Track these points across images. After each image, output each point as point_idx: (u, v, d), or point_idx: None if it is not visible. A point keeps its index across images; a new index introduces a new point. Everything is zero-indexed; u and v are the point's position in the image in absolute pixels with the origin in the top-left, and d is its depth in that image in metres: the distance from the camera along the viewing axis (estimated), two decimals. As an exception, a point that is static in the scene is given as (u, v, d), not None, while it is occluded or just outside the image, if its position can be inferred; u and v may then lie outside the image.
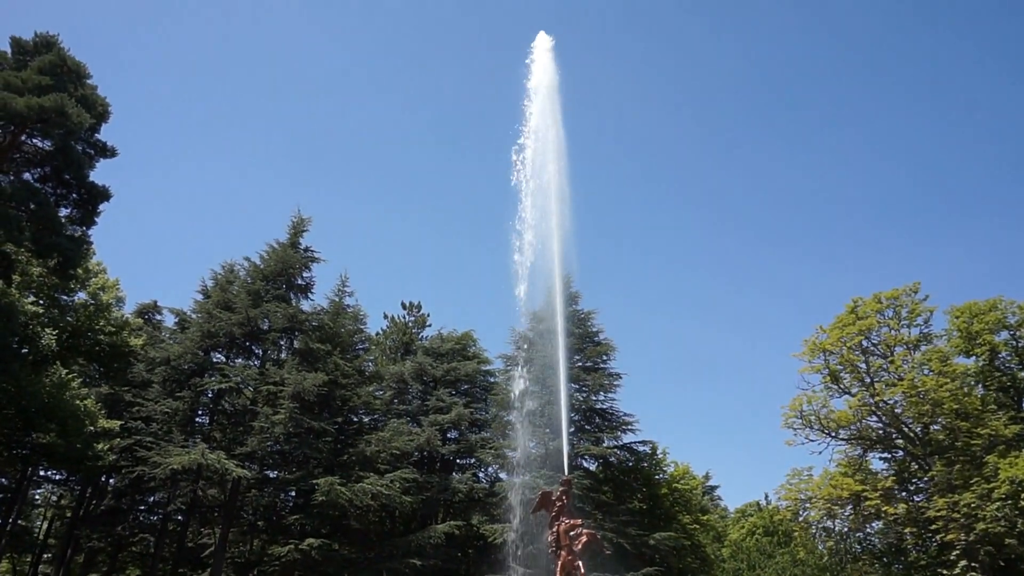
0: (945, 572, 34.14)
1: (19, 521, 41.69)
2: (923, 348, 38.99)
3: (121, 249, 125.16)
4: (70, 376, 30.75)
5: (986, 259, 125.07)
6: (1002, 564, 33.75)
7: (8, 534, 37.10)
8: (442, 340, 48.98)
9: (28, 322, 28.32)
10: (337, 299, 44.77)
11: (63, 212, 29.51)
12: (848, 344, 39.46)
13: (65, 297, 33.23)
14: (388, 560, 38.50)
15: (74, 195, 29.76)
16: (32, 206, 27.03)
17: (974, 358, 40.14)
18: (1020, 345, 39.36)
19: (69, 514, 42.75)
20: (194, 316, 42.40)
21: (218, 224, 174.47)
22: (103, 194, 29.99)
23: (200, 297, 43.42)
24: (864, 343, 39.76)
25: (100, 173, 55.49)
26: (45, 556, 46.44)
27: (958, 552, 32.64)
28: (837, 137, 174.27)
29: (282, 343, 43.13)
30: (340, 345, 42.11)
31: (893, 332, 39.71)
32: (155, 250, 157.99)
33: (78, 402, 29.99)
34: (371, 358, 48.79)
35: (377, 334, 53.72)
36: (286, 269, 42.89)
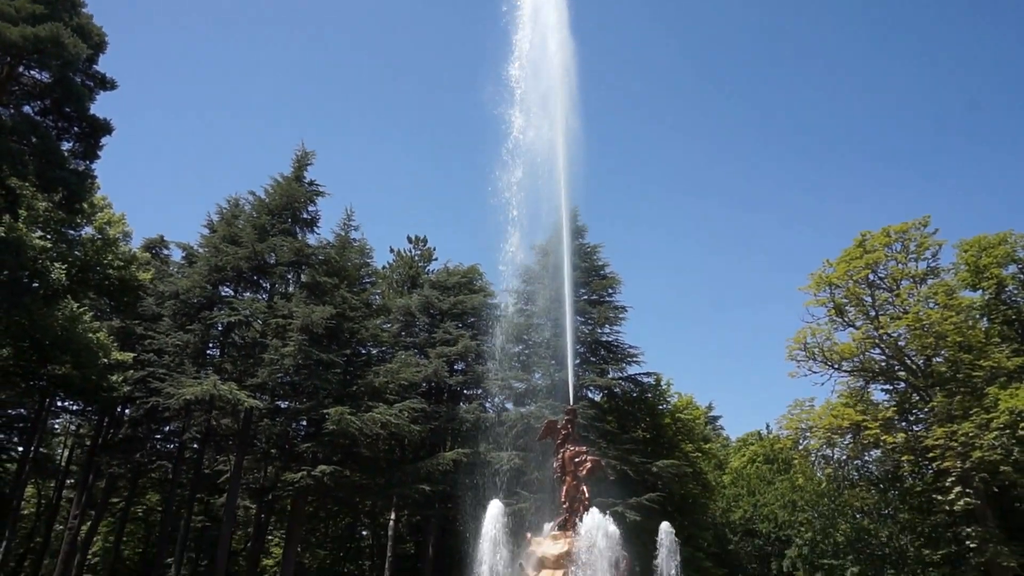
0: (939, 498, 35.05)
1: (40, 449, 43.01)
2: (930, 282, 38.92)
3: (125, 184, 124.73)
4: (81, 310, 31.19)
5: (998, 193, 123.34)
6: (996, 490, 34.59)
7: (31, 461, 38.35)
8: (448, 274, 49.18)
9: (37, 257, 28.51)
10: (343, 233, 44.80)
11: (65, 146, 29.26)
12: (854, 278, 39.39)
13: (72, 232, 33.33)
14: (398, 486, 39.79)
15: (75, 128, 29.45)
16: (34, 140, 26.80)
17: (980, 292, 40.10)
18: (1028, 279, 39.28)
19: (88, 443, 44.05)
20: (201, 250, 42.61)
21: (222, 159, 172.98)
22: (105, 127, 29.67)
23: (206, 232, 43.52)
24: (870, 277, 39.69)
25: (100, 106, 54.84)
26: (68, 482, 48.10)
27: (953, 479, 33.41)
28: (849, 67, 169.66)
29: (289, 277, 43.44)
30: (347, 279, 42.38)
31: (900, 266, 39.58)
32: (159, 185, 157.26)
33: (91, 335, 30.52)
34: (378, 292, 49.18)
35: (384, 268, 53.96)
36: (291, 203, 42.79)
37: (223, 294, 41.71)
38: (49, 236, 30.76)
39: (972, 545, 33.68)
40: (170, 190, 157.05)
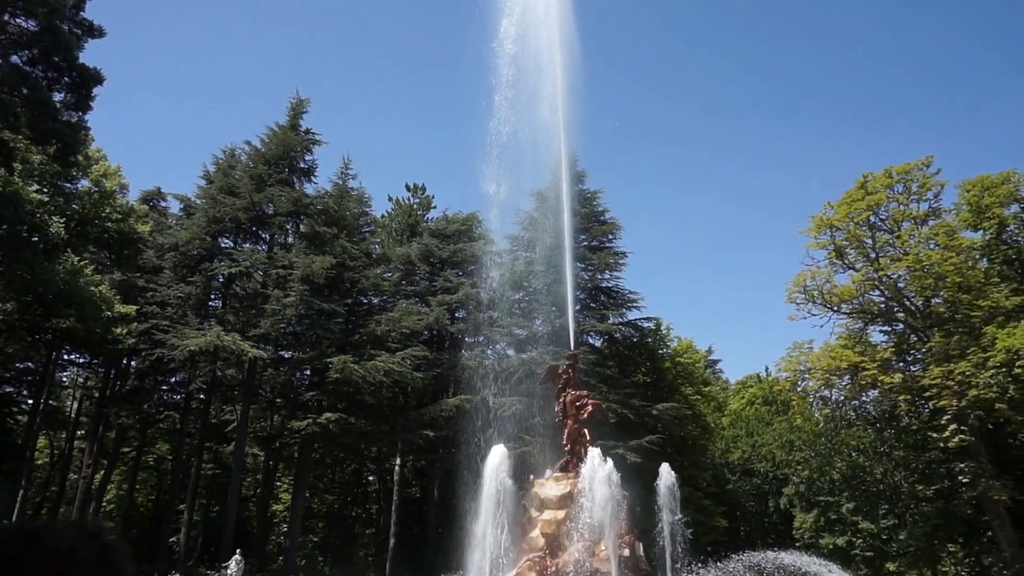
0: (934, 436, 35.69)
1: (50, 401, 43.70)
2: (931, 223, 38.75)
3: (119, 137, 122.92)
4: (82, 263, 31.23)
5: (1004, 132, 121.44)
6: (990, 427, 35.21)
7: (42, 413, 38.99)
8: (448, 222, 49.04)
9: (35, 210, 28.40)
10: (340, 182, 44.52)
11: (56, 97, 28.78)
12: (855, 220, 39.22)
13: (68, 185, 33.12)
14: (402, 432, 40.53)
15: (66, 78, 28.91)
16: (24, 91, 26.35)
17: (981, 232, 39.98)
18: (1029, 218, 39.13)
19: (96, 394, 44.69)
20: (199, 202, 42.42)
21: (216, 109, 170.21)
22: (95, 77, 29.12)
23: (203, 183, 43.25)
24: (871, 218, 39.52)
25: (90, 55, 53.71)
26: (79, 433, 49.00)
27: (949, 417, 33.95)
28: (849, 5, 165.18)
29: (288, 227, 43.35)
30: (346, 228, 42.31)
31: (902, 207, 39.36)
32: (153, 137, 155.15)
33: (93, 288, 30.63)
34: (377, 241, 49.13)
35: (382, 217, 53.76)
36: (287, 152, 42.40)
37: (223, 245, 41.70)
38: (46, 190, 30.59)
39: (965, 480, 34.45)
40: (165, 141, 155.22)
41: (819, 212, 40.71)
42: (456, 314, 45.00)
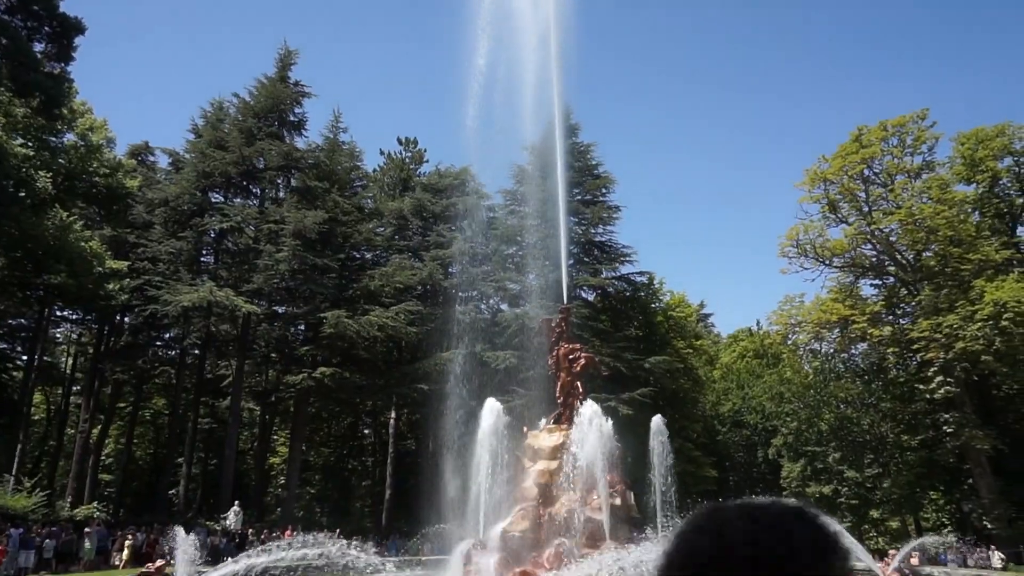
0: (921, 387, 36.32)
1: (45, 357, 43.73)
2: (924, 176, 38.75)
3: (103, 89, 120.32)
4: (71, 219, 30.91)
5: (1001, 84, 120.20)
6: (975, 378, 35.84)
7: (36, 369, 39.05)
8: (440, 176, 48.62)
9: (20, 165, 27.96)
10: (331, 136, 43.98)
11: (37, 48, 28.14)
12: (849, 173, 39.16)
13: (54, 139, 32.56)
14: (396, 386, 40.93)
15: (46, 28, 28.23)
16: (3, 40, 25.72)
17: (974, 185, 40.02)
18: (1022, 171, 39.09)
19: (91, 350, 44.75)
20: (188, 156, 41.86)
21: (202, 60, 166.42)
22: (76, 27, 28.43)
23: (192, 137, 42.62)
24: (866, 172, 39.45)
25: (71, 4, 52.13)
26: (75, 389, 49.20)
27: (936, 369, 34.51)
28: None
29: (279, 182, 42.95)
30: (338, 182, 41.95)
31: (896, 160, 39.27)
32: (139, 90, 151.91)
33: (83, 244, 30.39)
34: (370, 195, 48.77)
35: (374, 171, 53.20)
36: (277, 105, 41.73)
37: (213, 200, 41.32)
38: (31, 144, 30.06)
39: (949, 430, 35.19)
40: (151, 94, 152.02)
41: (813, 165, 40.61)
42: (449, 269, 44.98)
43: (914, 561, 31.97)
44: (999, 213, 39.76)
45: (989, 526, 34.38)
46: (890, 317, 39.70)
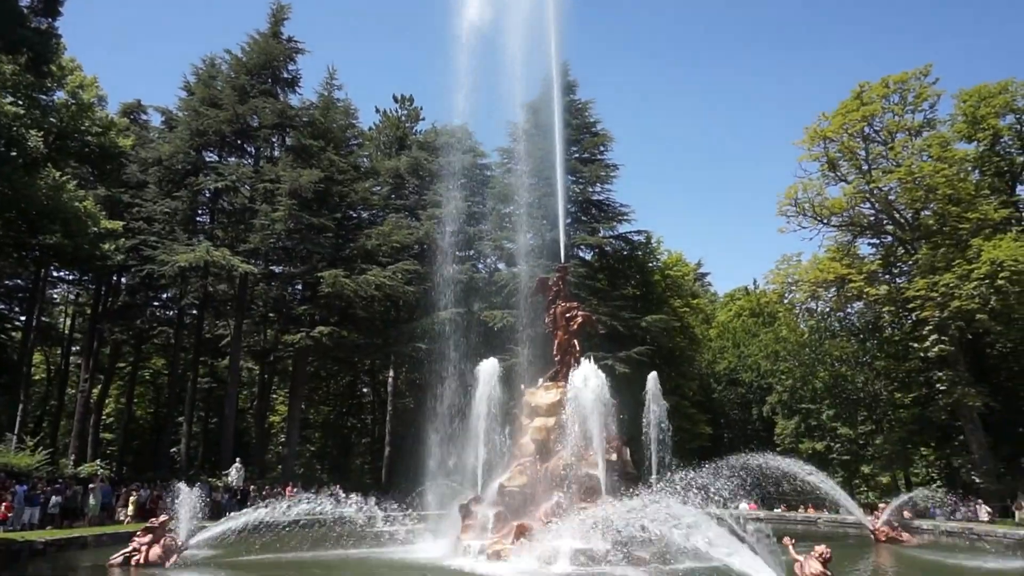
0: (915, 345, 36.59)
1: (43, 318, 43.79)
2: (925, 134, 38.41)
3: (92, 46, 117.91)
4: (64, 178, 30.61)
5: (1005, 42, 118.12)
6: (970, 337, 36.10)
7: (35, 329, 39.14)
8: (436, 134, 48.11)
9: (11, 124, 27.54)
10: (326, 93, 43.40)
11: (23, 2, 27.45)
12: (849, 131, 38.79)
13: (44, 97, 31.99)
14: (394, 345, 41.14)
15: (31, -19, 27.49)
16: (-12, -6, 25.05)
17: (975, 144, 39.70)
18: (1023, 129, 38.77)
19: (88, 311, 44.79)
20: (181, 114, 41.31)
21: (192, 18, 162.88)
22: (62, -20, 27.67)
23: (184, 94, 41.95)
24: (866, 130, 39.08)
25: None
26: (74, 349, 49.39)
27: (931, 328, 34.71)
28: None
29: (274, 140, 42.51)
30: (333, 141, 41.54)
31: (897, 118, 38.89)
32: (128, 47, 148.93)
33: (77, 204, 30.15)
34: (365, 154, 48.32)
35: (370, 129, 52.64)
36: (270, 61, 41.06)
37: (207, 159, 40.93)
38: (21, 102, 29.54)
39: (942, 388, 35.57)
40: (140, 51, 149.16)
41: (814, 123, 40.20)
42: (446, 228, 44.85)
43: (907, 515, 32.71)
44: (999, 171, 39.54)
45: (977, 481, 35.01)
46: (887, 276, 39.78)
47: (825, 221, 40.73)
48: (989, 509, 32.10)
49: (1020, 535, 25.64)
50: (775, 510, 40.21)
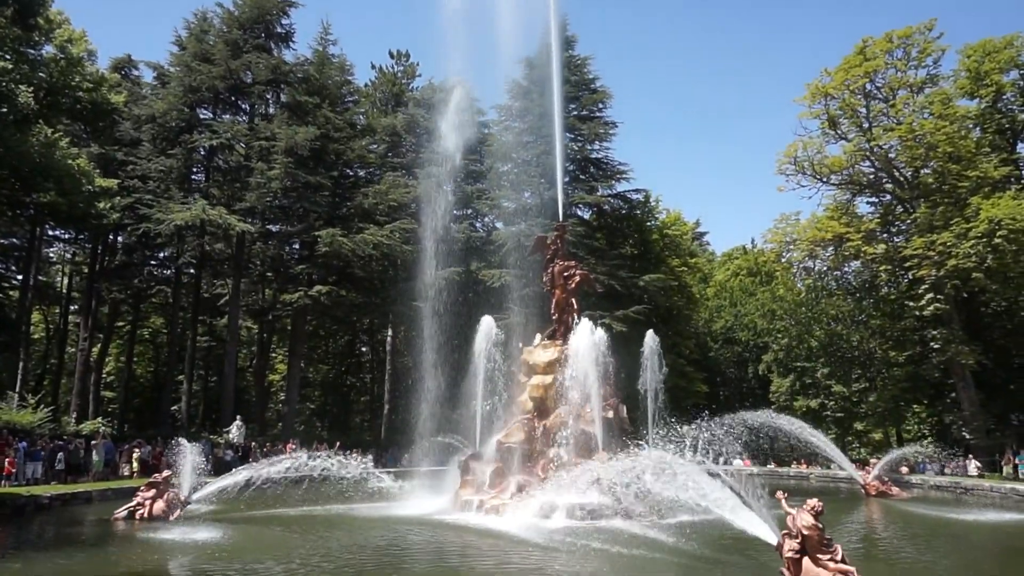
0: (911, 304, 36.76)
1: (39, 277, 43.68)
2: (927, 91, 37.96)
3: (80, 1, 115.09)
4: (56, 135, 30.22)
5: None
6: (965, 296, 36.26)
7: (32, 288, 39.10)
8: (433, 90, 47.38)
9: (0, 79, 27.06)
10: (320, 49, 42.64)
11: (7, -48, 26.73)
12: (851, 87, 38.29)
13: (32, 52, 31.36)
14: (392, 304, 41.23)
15: (15, -69, 26.73)
16: (-29, -56, 24.40)
17: (977, 100, 39.25)
18: (1027, 84, 38.30)
19: (86, 270, 44.69)
20: (173, 70, 40.62)
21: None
22: (47, -71, 26.94)
23: (176, 49, 41.15)
24: (868, 86, 38.59)
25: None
26: (72, 308, 49.42)
27: (927, 286, 34.83)
28: None
29: (268, 97, 41.92)
30: (328, 98, 40.97)
31: (899, 74, 38.38)
32: (117, 1, 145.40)
33: (71, 161, 29.81)
34: (361, 111, 47.70)
35: (366, 86, 51.83)
36: (263, 15, 40.23)
37: (201, 117, 40.41)
38: (8, 56, 28.98)
39: (935, 346, 35.87)
40: (129, 4, 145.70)
41: (815, 80, 39.67)
42: (444, 186, 44.52)
43: (904, 470, 33.36)
44: (1000, 129, 39.19)
45: (968, 437, 35.56)
46: (884, 235, 39.75)
47: (824, 180, 40.53)
48: (979, 464, 32.68)
49: (1006, 489, 26.18)
50: (767, 466, 40.93)
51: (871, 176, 40.08)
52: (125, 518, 16.90)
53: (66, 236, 44.76)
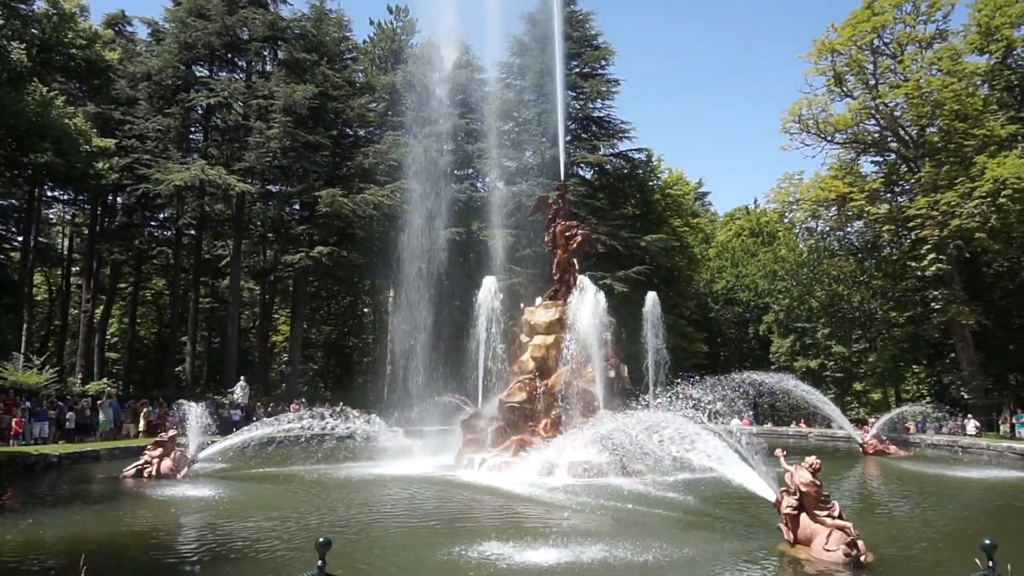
0: (913, 264, 36.68)
1: (40, 238, 43.60)
2: (936, 46, 37.23)
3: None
4: (52, 94, 29.85)
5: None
6: (967, 256, 36.14)
7: (33, 250, 39.08)
8: (433, 47, 46.58)
9: (-9, 35, 26.62)
10: (318, 3, 41.86)
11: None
12: (858, 43, 37.54)
13: (24, 7, 30.80)
14: (393, 264, 41.19)
15: None
16: None
17: (987, 56, 38.55)
18: (1039, 40, 37.56)
19: (86, 231, 44.59)
20: (167, 26, 39.92)
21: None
22: None
23: (171, 4, 40.36)
24: (875, 42, 37.83)
25: None
26: (74, 270, 49.44)
27: (929, 247, 34.68)
28: None
29: (266, 54, 41.27)
30: (327, 55, 40.35)
31: (908, 29, 37.60)
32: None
33: (67, 120, 29.52)
34: (360, 68, 47.00)
35: (364, 43, 50.91)
36: (258, -31, 39.40)
37: (198, 74, 39.85)
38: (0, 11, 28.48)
39: (936, 306, 35.89)
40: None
41: (822, 35, 38.91)
42: (444, 146, 44.10)
43: (911, 428, 33.77)
44: (1009, 86, 38.56)
45: (966, 396, 35.83)
46: (888, 195, 39.44)
47: (829, 138, 40.06)
48: (977, 423, 33.00)
49: (1002, 447, 26.49)
50: (765, 425, 41.38)
51: (876, 135, 39.62)
52: (133, 476, 17.17)
53: (65, 197, 44.57)
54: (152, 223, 44.14)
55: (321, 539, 4.55)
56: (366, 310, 57.61)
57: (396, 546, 10.14)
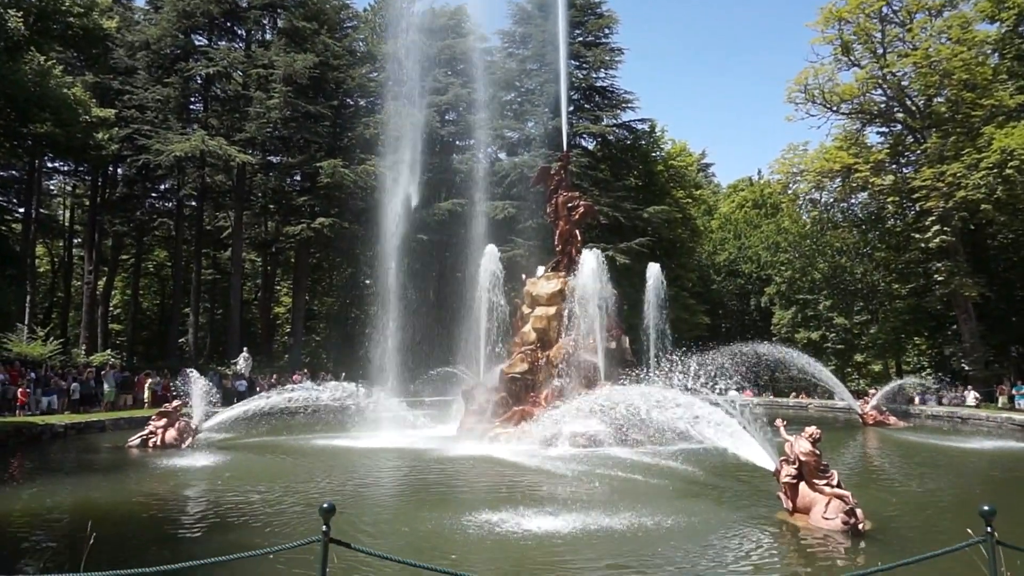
0: (917, 236, 36.49)
1: (41, 210, 43.53)
2: (946, 14, 36.60)
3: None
4: (50, 63, 29.57)
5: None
6: (972, 228, 35.94)
7: (35, 221, 39.04)
8: (435, 15, 45.95)
9: (-13, 3, 26.29)
10: (317, -30, 41.20)
11: None
12: (867, 11, 36.93)
13: (19, -26, 30.41)
14: (395, 235, 41.09)
15: None
16: None
17: (998, 24, 37.90)
18: (1052, 8, 36.88)
19: (87, 202, 44.49)
20: (165, -7, 39.39)
21: None
22: None
23: (168, -29, 39.78)
24: (884, 9, 37.21)
25: None
26: (76, 241, 49.43)
27: (934, 218, 34.47)
28: None
29: (265, 22, 40.80)
30: (327, 23, 39.86)
31: (918, -5, 37.02)
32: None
33: (66, 90, 29.28)
34: (361, 37, 46.47)
35: (365, 11, 50.29)
36: (256, -66, 38.74)
37: (197, 44, 39.42)
38: (-6, -22, 28.08)
39: (939, 278, 35.79)
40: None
41: (829, 3, 38.25)
42: (446, 116, 43.70)
43: (916, 399, 33.88)
44: (1019, 55, 37.94)
45: (967, 368, 35.91)
46: (893, 166, 39.10)
47: (834, 108, 39.60)
48: (978, 395, 33.11)
49: (1001, 418, 26.62)
50: (765, 396, 41.57)
51: (882, 105, 39.16)
52: (138, 446, 17.34)
53: (66, 168, 44.41)
54: (153, 194, 44.00)
55: (325, 504, 4.59)
56: (368, 281, 57.62)
57: (399, 513, 10.27)
